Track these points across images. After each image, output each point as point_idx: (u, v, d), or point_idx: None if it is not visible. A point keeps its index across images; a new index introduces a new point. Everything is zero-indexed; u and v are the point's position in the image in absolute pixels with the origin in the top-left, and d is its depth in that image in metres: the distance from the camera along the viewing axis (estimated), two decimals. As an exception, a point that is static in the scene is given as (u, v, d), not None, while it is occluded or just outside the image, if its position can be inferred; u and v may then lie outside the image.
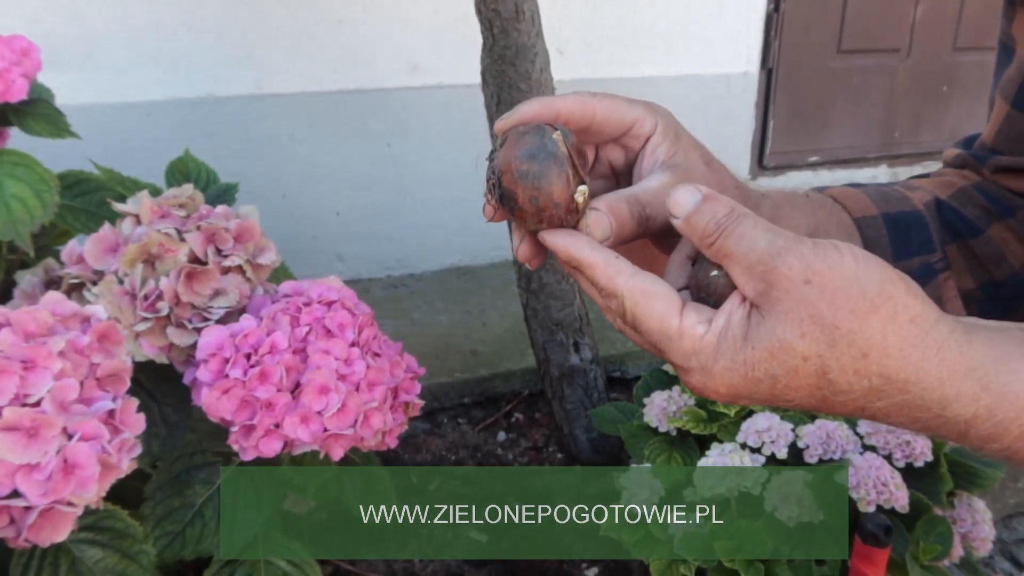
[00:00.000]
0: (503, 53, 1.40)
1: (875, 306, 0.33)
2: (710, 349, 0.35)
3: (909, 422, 0.34)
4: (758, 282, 0.34)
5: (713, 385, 0.35)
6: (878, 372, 0.33)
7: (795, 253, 0.34)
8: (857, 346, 0.33)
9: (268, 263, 0.85)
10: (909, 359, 0.33)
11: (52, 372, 0.57)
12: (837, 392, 0.34)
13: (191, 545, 0.78)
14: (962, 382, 0.33)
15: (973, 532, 1.07)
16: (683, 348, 0.35)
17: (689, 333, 0.35)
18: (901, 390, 0.33)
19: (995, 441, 0.33)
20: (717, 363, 0.35)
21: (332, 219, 2.36)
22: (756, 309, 0.35)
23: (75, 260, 0.79)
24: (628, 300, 0.36)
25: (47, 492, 0.55)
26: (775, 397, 0.35)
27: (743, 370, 0.34)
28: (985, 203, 0.57)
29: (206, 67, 2.10)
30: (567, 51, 2.40)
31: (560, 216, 0.38)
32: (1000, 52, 0.59)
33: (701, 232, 0.36)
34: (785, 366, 0.34)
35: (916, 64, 3.06)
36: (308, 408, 0.74)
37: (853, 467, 1.02)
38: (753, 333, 0.34)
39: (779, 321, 0.33)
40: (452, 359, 1.95)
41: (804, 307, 0.33)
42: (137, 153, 1.91)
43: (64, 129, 0.86)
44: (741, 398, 0.36)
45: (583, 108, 0.40)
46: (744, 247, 0.34)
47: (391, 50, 2.26)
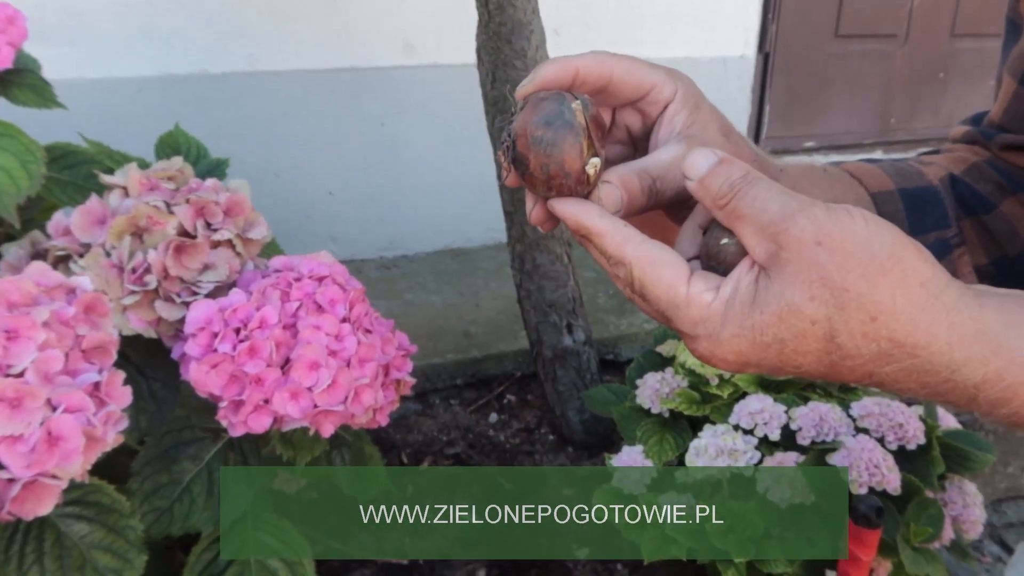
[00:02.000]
0: (498, 30, 1.39)
1: (885, 269, 0.32)
2: (717, 316, 0.35)
3: (918, 387, 0.34)
4: (769, 243, 0.34)
5: (721, 352, 0.35)
6: (887, 336, 0.33)
7: (808, 215, 0.33)
8: (866, 309, 0.32)
9: (258, 238, 0.84)
10: (918, 323, 0.32)
11: (36, 343, 0.56)
12: (845, 356, 0.33)
13: (179, 521, 0.77)
14: (971, 346, 0.32)
15: (964, 515, 1.07)
16: (690, 316, 0.35)
17: (697, 301, 0.35)
18: (910, 354, 0.33)
19: (1004, 405, 0.33)
20: (725, 330, 0.34)
21: (325, 199, 2.34)
22: (764, 273, 0.34)
23: (62, 232, 0.78)
24: (636, 268, 0.36)
25: (31, 464, 0.55)
26: (783, 363, 0.34)
27: (751, 335, 0.34)
28: (998, 178, 0.57)
29: (199, 43, 2.07)
30: (564, 31, 2.37)
31: (570, 186, 0.37)
32: (1008, 29, 0.58)
33: (715, 194, 0.35)
34: (793, 330, 0.33)
35: (913, 50, 3.05)
36: (298, 384, 0.73)
37: (846, 449, 1.02)
38: (761, 297, 0.34)
39: (788, 283, 0.33)
40: (445, 340, 1.95)
41: (814, 269, 0.33)
42: (128, 129, 1.88)
43: (50, 99, 0.85)
44: (749, 366, 0.35)
45: (600, 68, 0.40)
46: (757, 208, 0.34)
47: (386, 28, 2.24)
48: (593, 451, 1.67)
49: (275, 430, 0.76)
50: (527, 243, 1.56)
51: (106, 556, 0.67)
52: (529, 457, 1.67)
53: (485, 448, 1.70)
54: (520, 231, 1.56)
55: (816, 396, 1.19)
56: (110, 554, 0.67)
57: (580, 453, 1.68)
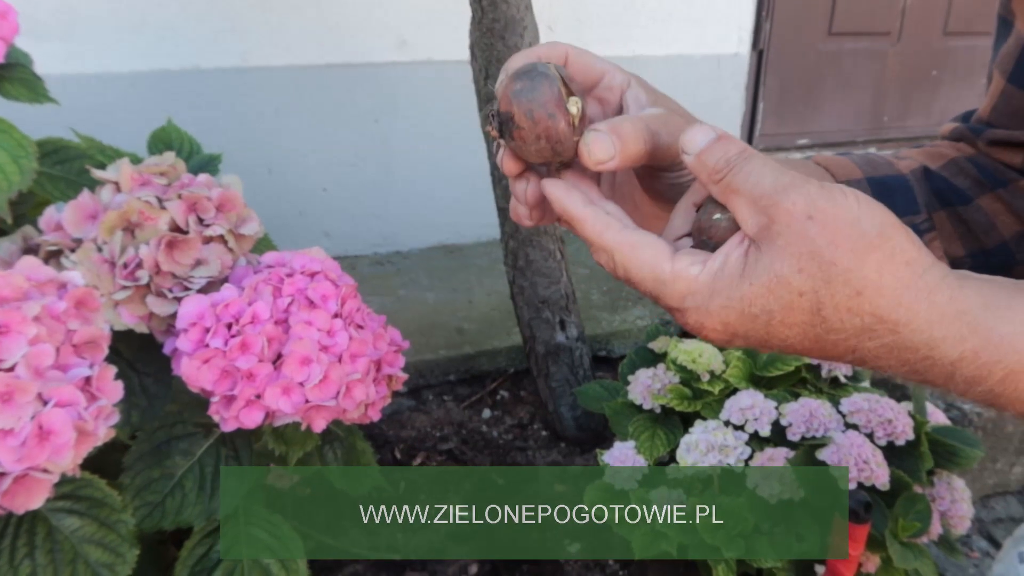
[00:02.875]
0: (492, 26, 1.39)
1: (873, 246, 0.33)
2: (705, 288, 0.35)
3: (898, 364, 0.35)
4: (761, 215, 0.35)
5: (710, 323, 0.36)
6: (870, 311, 0.33)
7: (800, 190, 0.34)
8: (852, 284, 0.33)
9: (251, 233, 0.84)
10: (901, 300, 0.33)
11: (27, 337, 0.56)
12: (830, 330, 0.34)
13: (171, 515, 0.77)
14: (950, 324, 0.33)
15: (952, 510, 1.08)
16: (677, 289, 0.36)
17: (683, 275, 0.36)
18: (891, 330, 0.34)
19: (979, 384, 0.34)
20: (713, 301, 0.35)
21: (319, 195, 2.34)
22: (755, 246, 0.35)
23: (53, 227, 0.78)
24: (617, 254, 0.37)
25: (21, 458, 0.55)
26: (770, 335, 0.35)
27: (739, 307, 0.35)
28: (976, 174, 0.58)
29: (191, 38, 2.07)
30: (557, 27, 2.38)
31: (559, 130, 0.38)
32: (999, 26, 0.59)
33: (711, 168, 0.36)
34: (781, 301, 0.34)
35: (906, 48, 3.06)
36: (290, 379, 0.73)
37: (835, 445, 1.03)
38: (751, 269, 0.35)
39: (777, 256, 0.34)
40: (438, 336, 1.95)
41: (804, 242, 0.33)
42: (120, 125, 1.88)
43: (42, 94, 0.84)
44: (737, 338, 0.36)
45: (555, 50, 0.42)
46: (751, 182, 0.35)
47: (379, 24, 2.24)
48: (585, 447, 1.68)
49: (267, 425, 0.76)
50: (520, 239, 1.57)
51: (98, 550, 0.67)
52: (522, 453, 1.68)
53: (478, 444, 1.70)
54: (513, 227, 1.57)
55: (806, 392, 1.20)
56: (102, 548, 0.67)
57: (572, 449, 1.69)
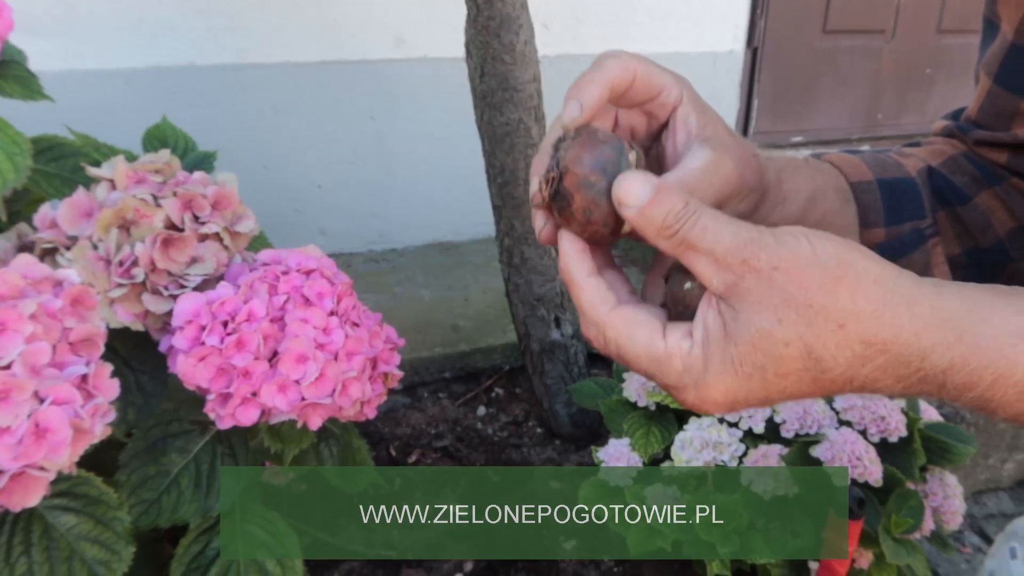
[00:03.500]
0: (487, 24, 1.39)
1: (838, 277, 0.33)
2: (698, 360, 0.35)
3: (894, 382, 0.35)
4: (727, 273, 0.34)
5: (710, 395, 0.35)
6: (858, 339, 0.33)
7: (760, 244, 0.34)
8: (832, 319, 0.33)
9: (246, 231, 0.84)
10: (883, 319, 0.33)
11: (23, 335, 0.57)
12: (824, 370, 0.34)
13: (167, 513, 0.78)
14: (937, 332, 0.33)
15: (944, 506, 1.08)
16: (674, 368, 0.36)
17: (676, 352, 0.36)
18: (882, 350, 0.34)
19: (970, 390, 0.34)
20: (709, 371, 0.35)
21: (315, 192, 2.34)
22: (726, 303, 0.35)
23: (48, 225, 0.78)
24: (610, 330, 0.37)
25: (18, 456, 0.55)
26: (768, 390, 0.35)
27: (733, 369, 0.35)
28: (974, 171, 0.58)
29: (187, 35, 2.06)
30: (553, 25, 2.38)
31: (603, 234, 0.37)
32: (985, 28, 0.60)
33: (659, 225, 0.35)
34: (770, 355, 0.34)
35: (900, 46, 3.06)
36: (286, 377, 0.73)
37: (828, 442, 1.03)
38: (731, 329, 0.34)
39: (754, 311, 0.34)
40: (433, 334, 1.95)
41: (776, 293, 0.34)
42: (115, 122, 1.87)
43: (36, 91, 0.84)
44: (739, 403, 0.36)
45: (626, 73, 0.41)
46: (709, 240, 0.35)
47: (376, 22, 2.24)
48: (580, 444, 1.69)
49: (263, 423, 0.77)
50: (515, 237, 1.57)
51: (94, 548, 0.67)
52: (517, 450, 1.68)
53: (473, 441, 1.71)
54: (509, 225, 1.57)
55: (801, 390, 1.20)
56: (98, 546, 0.67)
57: (567, 446, 1.69)
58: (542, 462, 1.64)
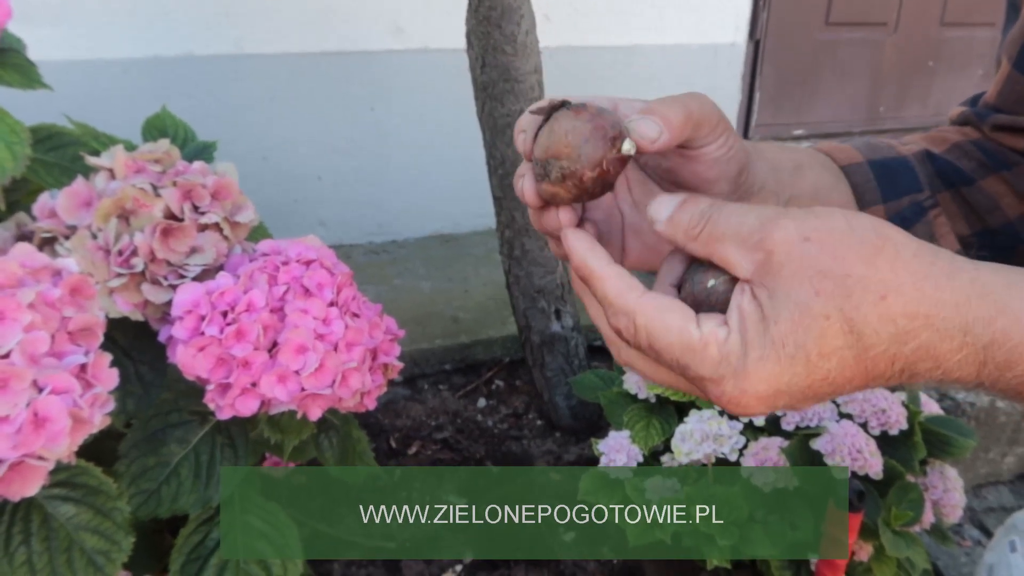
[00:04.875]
0: (488, 14, 1.38)
1: (877, 248, 0.32)
2: (737, 348, 0.33)
3: (934, 366, 0.33)
4: (756, 252, 0.33)
5: (752, 386, 0.33)
6: (901, 312, 0.32)
7: (788, 216, 0.33)
8: (873, 290, 0.32)
9: (246, 221, 0.84)
10: (924, 291, 0.32)
11: (21, 324, 0.56)
12: (867, 347, 0.32)
13: (167, 503, 0.77)
14: (978, 306, 0.32)
15: (944, 499, 1.08)
16: (710, 356, 0.34)
17: (712, 339, 0.34)
18: (925, 324, 0.32)
19: (1011, 368, 0.32)
20: (748, 358, 0.33)
21: (314, 183, 2.33)
22: (760, 286, 0.33)
23: (47, 214, 0.77)
24: (641, 317, 0.35)
25: (16, 445, 0.55)
26: (811, 375, 0.33)
27: (774, 353, 0.33)
28: (981, 157, 0.58)
29: (184, 25, 2.05)
30: (554, 17, 2.37)
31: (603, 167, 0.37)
32: (1008, 11, 0.59)
33: (686, 226, 0.36)
34: (811, 332, 0.32)
35: (903, 38, 3.05)
36: (285, 367, 0.73)
37: (829, 434, 1.03)
38: (768, 310, 0.33)
39: (790, 287, 0.32)
40: (434, 326, 1.95)
41: (810, 264, 0.32)
42: (114, 112, 1.86)
43: (35, 79, 0.84)
44: (780, 394, 0.33)
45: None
46: (734, 224, 0.34)
47: (375, 12, 2.23)
48: (580, 436, 1.69)
49: (263, 413, 0.76)
50: (516, 229, 1.56)
51: (93, 538, 0.67)
52: (517, 442, 1.68)
53: (473, 433, 1.71)
54: (509, 217, 1.56)
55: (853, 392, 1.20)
56: (97, 536, 0.67)
57: (567, 438, 1.69)
58: (542, 454, 1.64)
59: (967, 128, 0.62)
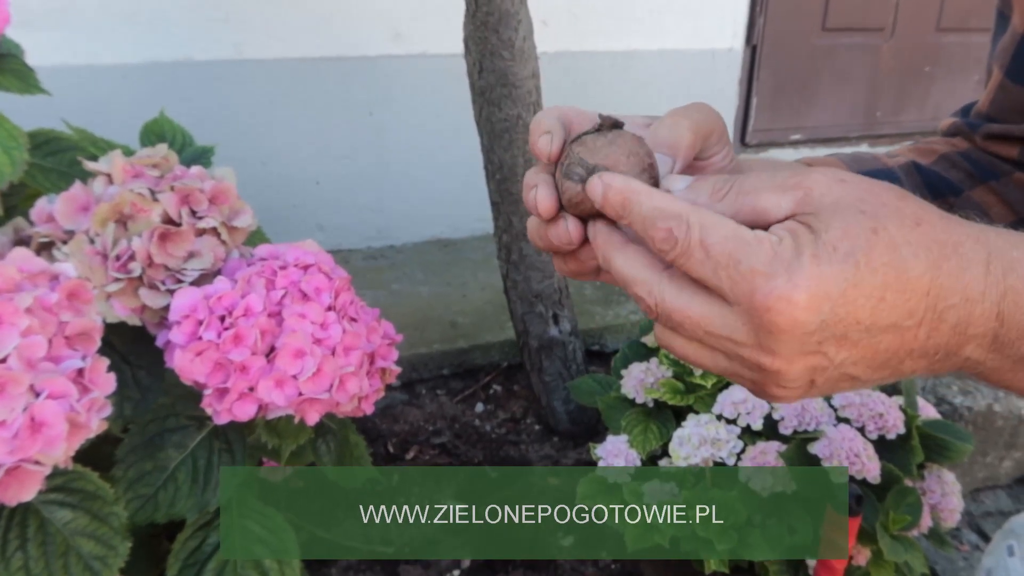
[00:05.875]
0: (486, 19, 1.39)
1: (903, 195, 0.35)
2: (790, 248, 0.34)
3: (962, 298, 0.35)
4: (795, 191, 0.35)
5: (804, 282, 0.33)
6: (934, 238, 0.34)
7: (817, 168, 0.36)
8: (909, 217, 0.34)
9: (244, 226, 0.84)
10: (950, 224, 0.35)
11: (19, 329, 0.56)
12: (908, 267, 0.34)
13: (164, 508, 0.77)
14: (995, 238, 0.36)
15: (942, 503, 1.08)
16: (764, 251, 0.34)
17: (766, 238, 0.34)
18: (954, 251, 0.34)
19: None
20: (803, 255, 0.33)
21: (312, 188, 2.33)
22: (804, 214, 0.35)
23: (45, 219, 0.77)
24: (695, 216, 0.36)
25: (13, 450, 0.55)
26: (859, 284, 0.33)
27: (827, 255, 0.33)
28: (968, 168, 0.58)
29: (184, 29, 2.06)
30: (552, 22, 2.37)
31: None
32: (997, 20, 0.60)
33: (711, 189, 0.37)
34: (860, 240, 0.34)
35: (900, 43, 3.06)
36: (283, 372, 0.73)
37: (827, 438, 1.03)
38: (818, 224, 0.34)
39: (835, 208, 0.35)
40: (431, 330, 1.95)
41: (850, 196, 0.35)
42: (112, 117, 1.86)
43: (33, 85, 0.84)
44: (827, 300, 0.33)
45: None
46: (765, 178, 0.36)
47: (374, 17, 2.23)
48: (578, 441, 1.68)
49: (260, 418, 0.76)
50: (514, 234, 1.57)
51: (90, 543, 0.67)
52: (515, 447, 1.68)
53: (471, 438, 1.70)
54: (507, 221, 1.57)
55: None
56: (94, 541, 0.67)
57: (565, 443, 1.69)
58: (540, 459, 1.64)
59: (956, 139, 0.62)
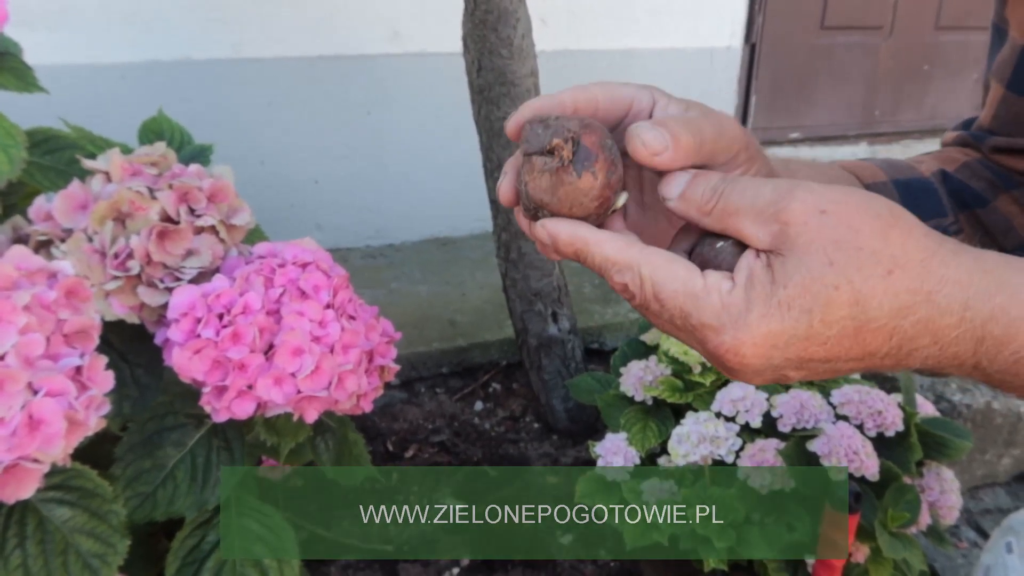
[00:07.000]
0: (484, 18, 1.39)
1: (891, 223, 0.34)
2: (740, 301, 0.34)
3: (931, 342, 0.34)
4: (772, 224, 0.34)
5: (750, 337, 0.34)
6: (905, 287, 0.33)
7: (804, 188, 0.34)
8: (882, 264, 0.33)
9: (242, 224, 0.84)
10: (930, 268, 0.33)
11: (17, 326, 0.56)
12: (870, 319, 0.33)
13: (162, 506, 0.77)
14: (979, 280, 0.34)
15: (941, 501, 1.08)
16: (712, 304, 0.34)
17: (716, 288, 0.35)
18: (926, 300, 0.33)
19: (1007, 345, 0.34)
20: (751, 312, 0.34)
21: (311, 187, 2.33)
22: (774, 254, 0.34)
23: (43, 217, 0.77)
24: (646, 267, 0.36)
25: (11, 448, 0.55)
26: (810, 341, 0.34)
27: (779, 312, 0.33)
28: (990, 176, 0.58)
29: (182, 29, 2.05)
30: (551, 20, 2.37)
31: (607, 197, 0.38)
32: (993, 34, 0.60)
33: (699, 201, 0.36)
34: (819, 298, 0.33)
35: (898, 42, 3.06)
36: (281, 369, 0.73)
37: (825, 436, 1.03)
38: (780, 275, 0.34)
39: (804, 255, 0.33)
40: (430, 329, 1.95)
41: (826, 235, 0.33)
42: (111, 116, 1.86)
43: (31, 83, 0.84)
44: (777, 350, 0.34)
45: (586, 96, 0.40)
46: (749, 197, 0.35)
47: (373, 16, 2.23)
48: (577, 439, 1.69)
49: (259, 416, 0.76)
50: (513, 232, 1.57)
51: (89, 540, 0.67)
52: (514, 445, 1.68)
53: (470, 436, 1.70)
54: (506, 220, 1.57)
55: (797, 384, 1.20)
56: (93, 538, 0.67)
57: (564, 441, 1.69)
58: (539, 457, 1.64)
59: (968, 149, 0.62)
